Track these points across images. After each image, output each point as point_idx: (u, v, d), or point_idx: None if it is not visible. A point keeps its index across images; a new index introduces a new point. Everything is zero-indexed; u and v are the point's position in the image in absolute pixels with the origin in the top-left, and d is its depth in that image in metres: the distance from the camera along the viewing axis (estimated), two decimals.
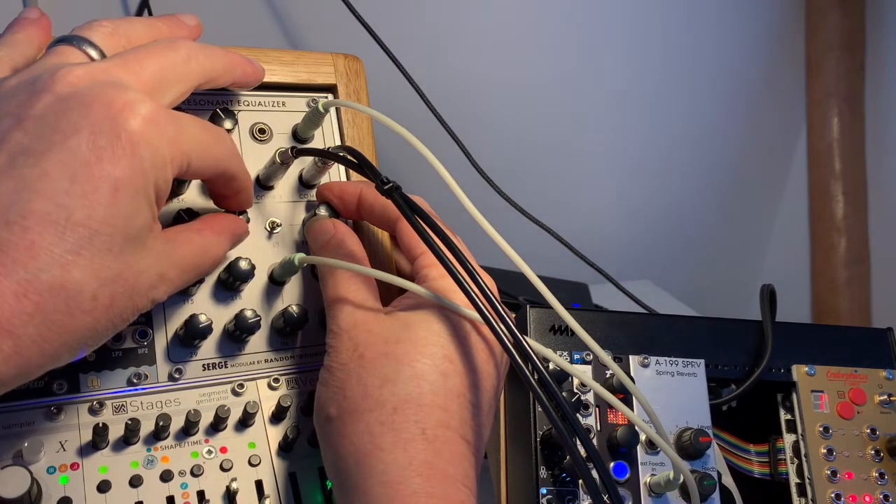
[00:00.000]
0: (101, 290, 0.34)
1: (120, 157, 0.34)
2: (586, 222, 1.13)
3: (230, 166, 0.42)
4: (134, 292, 0.36)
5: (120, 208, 0.34)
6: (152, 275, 0.37)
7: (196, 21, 0.46)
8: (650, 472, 0.50)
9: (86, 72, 0.36)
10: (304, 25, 0.89)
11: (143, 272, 0.36)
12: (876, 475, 0.54)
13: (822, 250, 1.21)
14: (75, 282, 0.33)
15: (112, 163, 0.34)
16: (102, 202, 0.34)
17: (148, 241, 0.37)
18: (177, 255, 0.39)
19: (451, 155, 0.69)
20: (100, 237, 0.34)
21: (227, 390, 0.47)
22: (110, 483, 0.42)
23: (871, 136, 1.19)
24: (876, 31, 1.16)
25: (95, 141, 0.34)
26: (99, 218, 0.34)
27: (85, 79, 0.36)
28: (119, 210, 0.34)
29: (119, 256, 0.35)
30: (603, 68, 1.08)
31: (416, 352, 0.40)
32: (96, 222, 0.34)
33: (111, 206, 0.34)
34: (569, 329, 0.53)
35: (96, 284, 0.34)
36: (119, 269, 0.35)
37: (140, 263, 0.36)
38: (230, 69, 0.44)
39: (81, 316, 0.34)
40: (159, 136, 0.36)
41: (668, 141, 1.16)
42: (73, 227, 0.33)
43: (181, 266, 0.40)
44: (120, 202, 0.34)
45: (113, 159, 0.34)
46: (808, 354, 0.57)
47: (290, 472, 0.46)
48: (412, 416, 0.39)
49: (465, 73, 0.99)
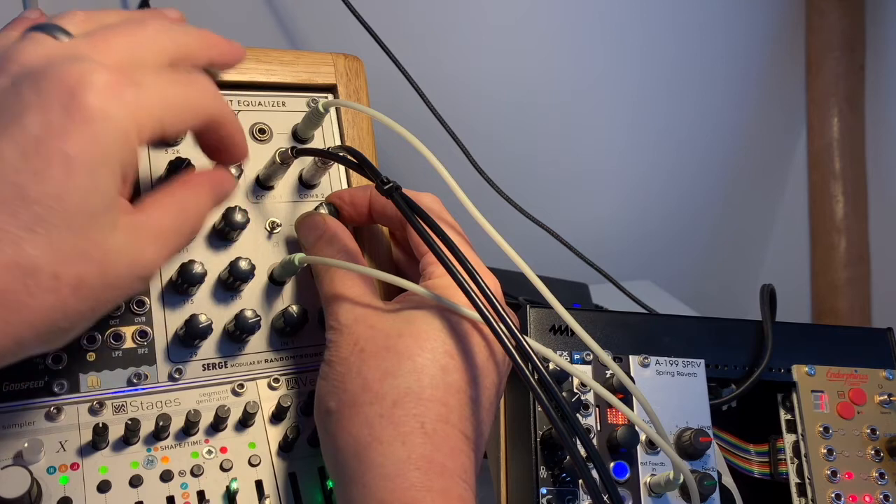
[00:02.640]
0: (62, 268, 0.33)
1: (72, 132, 0.33)
2: (586, 222, 1.13)
3: (213, 113, 0.39)
4: (108, 272, 0.34)
5: (76, 183, 0.33)
6: (129, 251, 0.35)
7: (179, 15, 0.44)
8: (650, 472, 0.50)
9: (43, 51, 0.35)
10: (304, 25, 0.89)
11: (114, 250, 0.35)
12: (876, 475, 0.54)
13: (822, 250, 1.21)
14: (30, 258, 0.32)
15: (65, 139, 0.33)
16: (56, 178, 0.32)
17: (115, 218, 0.35)
18: (153, 225, 0.37)
19: (451, 155, 0.69)
20: (55, 213, 0.32)
21: (227, 390, 0.47)
22: (110, 483, 0.42)
23: (871, 136, 1.19)
24: (876, 31, 1.16)
25: (47, 116, 0.33)
26: (53, 194, 0.32)
27: (42, 57, 0.34)
28: (75, 185, 0.33)
29: (81, 233, 0.33)
30: (602, 68, 1.08)
31: (417, 346, 0.40)
32: (51, 198, 0.32)
33: (66, 181, 0.32)
34: (569, 329, 0.53)
35: (55, 262, 0.33)
36: (83, 246, 0.33)
37: (109, 241, 0.34)
38: (206, 46, 0.41)
39: (43, 295, 0.32)
40: (118, 105, 0.34)
41: (668, 141, 1.16)
42: (26, 204, 0.32)
43: (161, 234, 0.37)
44: (76, 177, 0.33)
45: (66, 135, 0.33)
46: (808, 354, 0.57)
47: (290, 472, 0.46)
48: (412, 410, 0.39)
49: (465, 73, 0.99)
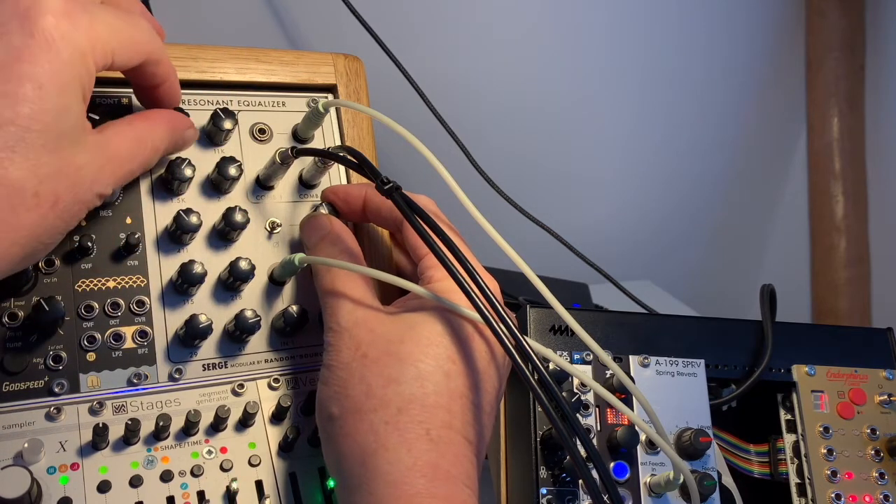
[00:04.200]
0: (41, 186, 0.35)
1: (37, 54, 0.34)
2: (586, 222, 1.13)
3: (154, 51, 0.41)
4: (77, 188, 0.37)
5: (47, 104, 0.34)
6: (92, 169, 0.37)
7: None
8: (650, 472, 0.50)
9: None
10: (304, 25, 0.89)
11: (82, 167, 0.37)
12: (876, 475, 0.54)
13: (822, 250, 1.21)
14: (14, 179, 0.34)
15: (31, 61, 0.34)
16: (28, 99, 0.34)
17: (82, 137, 0.37)
18: (112, 148, 0.39)
19: (451, 155, 0.69)
20: (31, 133, 0.34)
21: (227, 390, 0.47)
22: (110, 483, 0.42)
23: (871, 136, 1.19)
24: (876, 31, 1.16)
25: (10, 41, 0.34)
26: (27, 114, 0.34)
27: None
28: (47, 105, 0.34)
29: (55, 152, 0.35)
30: (603, 68, 1.08)
31: (420, 352, 0.40)
32: (25, 119, 0.34)
33: (38, 101, 0.34)
34: (569, 329, 0.53)
35: (36, 181, 0.34)
36: (58, 164, 0.35)
37: (78, 158, 0.36)
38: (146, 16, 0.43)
39: (26, 213, 0.34)
40: (74, 28, 0.35)
41: (669, 141, 1.16)
42: (2, 125, 0.33)
43: (118, 158, 0.40)
44: (46, 98, 0.34)
45: (31, 57, 0.34)
46: (808, 354, 0.57)
47: (290, 472, 0.46)
48: (417, 417, 0.39)
49: (465, 74, 0.99)
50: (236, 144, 0.50)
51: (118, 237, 0.46)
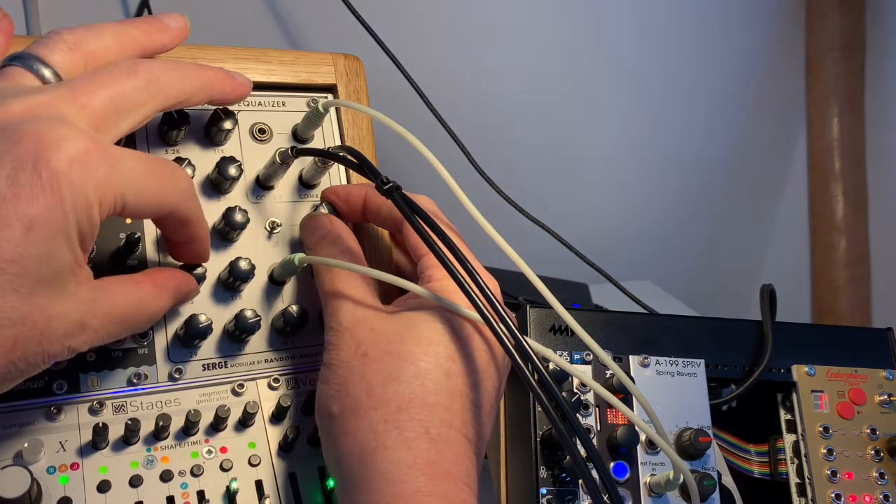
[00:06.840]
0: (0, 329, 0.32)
1: (38, 196, 0.32)
2: (586, 222, 1.13)
3: (179, 209, 0.39)
4: (44, 338, 0.34)
5: (32, 248, 0.32)
6: (70, 322, 0.35)
7: (181, 23, 0.43)
8: (650, 472, 0.50)
9: (26, 106, 0.34)
10: (304, 25, 0.89)
11: (57, 317, 0.34)
12: (876, 475, 0.54)
13: (822, 250, 1.21)
14: None
15: (29, 201, 0.32)
16: (12, 240, 0.32)
17: (69, 286, 0.35)
18: (105, 305, 0.37)
19: (451, 155, 0.69)
20: (5, 275, 0.32)
21: (227, 390, 0.47)
22: (110, 483, 0.42)
23: (871, 136, 1.19)
24: (876, 31, 1.16)
25: (16, 177, 0.32)
26: (6, 256, 0.32)
27: (23, 114, 0.34)
28: (31, 250, 0.32)
29: (27, 298, 0.33)
30: (603, 68, 1.08)
31: (421, 351, 0.40)
32: (2, 260, 0.32)
33: (22, 244, 0.32)
34: (569, 329, 0.53)
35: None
36: (26, 311, 0.33)
37: (54, 308, 0.34)
38: (204, 88, 0.41)
39: None
40: (85, 175, 0.33)
41: (669, 141, 1.16)
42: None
43: (108, 316, 0.37)
44: (32, 242, 0.32)
45: (30, 197, 0.32)
46: (808, 354, 0.57)
47: (290, 472, 0.46)
48: (416, 415, 0.39)
49: (465, 74, 0.99)
50: (236, 144, 0.50)
51: (118, 237, 0.46)
